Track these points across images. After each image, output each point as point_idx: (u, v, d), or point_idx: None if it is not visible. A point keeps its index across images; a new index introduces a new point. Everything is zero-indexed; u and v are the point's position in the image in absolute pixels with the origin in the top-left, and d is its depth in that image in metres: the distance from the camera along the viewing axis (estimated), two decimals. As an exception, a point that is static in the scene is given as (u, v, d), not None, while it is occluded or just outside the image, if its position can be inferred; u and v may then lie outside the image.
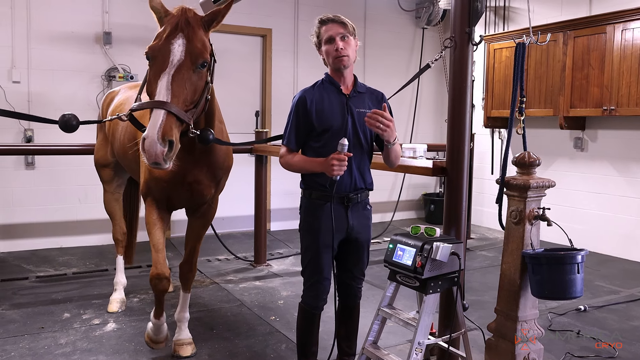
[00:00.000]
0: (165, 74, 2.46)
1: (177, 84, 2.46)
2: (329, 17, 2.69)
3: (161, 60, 2.49)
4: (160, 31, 2.58)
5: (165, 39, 2.52)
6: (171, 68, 2.47)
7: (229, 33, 6.68)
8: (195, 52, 2.53)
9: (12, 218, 5.77)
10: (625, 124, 5.83)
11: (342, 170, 2.52)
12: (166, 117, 2.37)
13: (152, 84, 2.51)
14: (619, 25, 5.44)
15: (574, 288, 2.47)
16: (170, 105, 2.40)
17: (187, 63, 2.50)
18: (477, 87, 7.27)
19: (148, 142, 2.32)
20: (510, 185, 2.67)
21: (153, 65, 2.53)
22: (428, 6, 7.65)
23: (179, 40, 2.52)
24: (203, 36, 2.61)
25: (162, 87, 2.43)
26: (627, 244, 5.86)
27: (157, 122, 2.34)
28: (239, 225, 6.83)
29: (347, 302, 2.92)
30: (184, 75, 2.49)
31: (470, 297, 4.39)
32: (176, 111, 2.41)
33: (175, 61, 2.48)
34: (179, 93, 2.46)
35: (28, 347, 3.40)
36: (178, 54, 2.49)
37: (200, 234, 3.43)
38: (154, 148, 2.31)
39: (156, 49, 2.52)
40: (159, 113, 2.37)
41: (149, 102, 2.46)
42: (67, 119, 2.68)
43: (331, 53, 2.66)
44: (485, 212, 7.39)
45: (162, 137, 2.33)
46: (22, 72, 5.69)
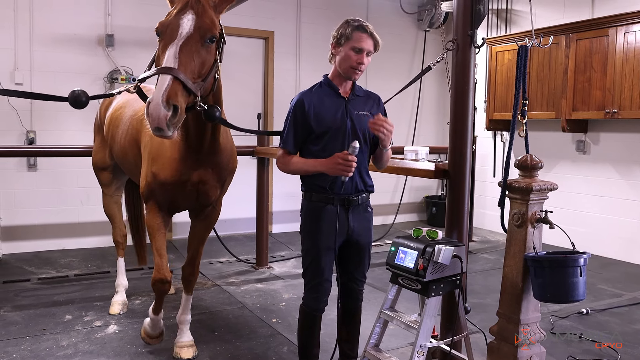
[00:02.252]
0: (174, 45, 2.46)
1: (184, 54, 2.45)
2: (369, 28, 2.63)
3: (170, 33, 2.50)
4: (170, 10, 2.60)
5: (175, 15, 2.54)
6: (179, 39, 2.47)
7: (232, 35, 6.66)
8: (204, 26, 2.53)
9: (14, 220, 5.78)
10: (627, 126, 5.82)
11: (350, 172, 2.52)
12: (172, 82, 2.35)
13: (160, 56, 2.51)
14: (621, 28, 5.44)
15: (576, 291, 2.46)
16: (177, 71, 2.38)
17: (196, 36, 2.51)
18: (480, 90, 7.27)
19: (152, 105, 2.30)
20: (512, 188, 2.66)
21: (162, 39, 2.53)
22: (430, 9, 7.65)
23: (189, 15, 2.53)
24: (213, 15, 2.62)
25: (170, 56, 2.42)
26: (630, 247, 5.84)
27: (162, 86, 2.33)
28: (240, 227, 6.83)
29: (348, 305, 2.91)
30: (192, 47, 2.49)
31: (472, 300, 4.38)
32: (183, 78, 2.40)
33: (184, 34, 2.48)
34: (186, 62, 2.45)
35: (30, 349, 3.40)
36: (187, 27, 2.50)
37: (203, 237, 3.43)
38: (157, 111, 2.29)
39: (165, 23, 2.54)
40: (165, 78, 2.36)
41: (156, 68, 2.44)
42: (77, 95, 2.68)
43: (352, 62, 2.63)
44: (487, 215, 7.38)
45: (166, 101, 2.31)
46: (25, 74, 5.70)
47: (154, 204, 3.13)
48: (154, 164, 3.03)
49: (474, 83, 2.94)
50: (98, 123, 4.18)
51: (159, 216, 3.14)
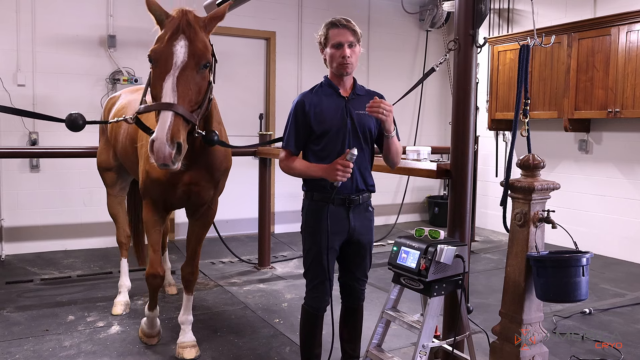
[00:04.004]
0: (170, 75, 2.48)
1: (182, 85, 2.48)
2: (341, 21, 2.66)
3: (164, 62, 2.51)
4: (161, 34, 2.60)
5: (167, 41, 2.54)
6: (175, 70, 2.49)
7: (233, 36, 6.69)
8: (198, 52, 2.56)
9: (17, 221, 5.79)
10: (630, 126, 5.81)
11: (346, 178, 2.54)
12: (174, 118, 2.39)
13: (156, 86, 2.53)
14: (623, 27, 5.43)
15: (579, 291, 2.45)
16: (177, 106, 2.42)
17: (191, 64, 2.53)
18: (481, 90, 7.25)
19: (157, 143, 2.35)
20: (514, 188, 2.66)
21: (156, 67, 2.55)
22: (432, 9, 7.65)
23: (181, 42, 2.54)
24: (204, 37, 2.64)
25: (168, 89, 2.45)
26: (633, 246, 5.83)
27: (165, 124, 2.37)
28: (242, 227, 6.83)
29: (350, 304, 2.92)
30: (188, 76, 2.52)
31: (474, 300, 4.38)
32: (183, 112, 2.44)
33: (179, 63, 2.50)
34: (184, 94, 2.48)
35: (32, 350, 3.41)
36: (181, 56, 2.52)
37: (200, 236, 3.44)
38: (162, 150, 2.34)
39: (159, 51, 2.54)
40: (167, 115, 2.40)
41: (156, 104, 2.48)
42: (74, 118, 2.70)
43: (336, 59, 2.65)
44: (489, 215, 7.37)
45: (170, 139, 2.36)
46: (27, 75, 5.71)
47: (150, 201, 3.20)
48: (147, 162, 3.07)
49: (476, 83, 2.93)
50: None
51: (155, 213, 3.21)
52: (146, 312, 3.49)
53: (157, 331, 3.54)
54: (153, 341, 3.51)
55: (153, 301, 3.43)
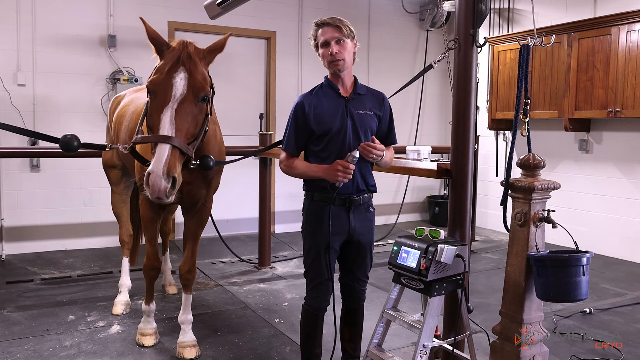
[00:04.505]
0: (169, 107, 2.50)
1: (180, 117, 2.50)
2: (324, 20, 2.70)
3: (163, 93, 2.53)
4: (160, 64, 2.62)
5: (167, 73, 2.56)
6: (174, 102, 2.51)
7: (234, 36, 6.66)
8: (197, 86, 2.58)
9: (17, 220, 5.79)
10: (630, 125, 5.81)
11: (347, 179, 2.55)
12: (171, 151, 2.42)
13: (154, 117, 2.54)
14: (623, 26, 5.43)
15: (579, 290, 2.45)
16: (175, 139, 2.44)
17: (190, 97, 2.55)
18: (482, 89, 7.25)
19: (153, 177, 2.37)
20: (514, 188, 2.66)
21: (155, 98, 2.56)
22: (432, 8, 7.65)
23: (181, 74, 2.57)
24: (204, 70, 2.68)
25: (166, 121, 2.47)
26: (633, 246, 5.83)
27: (162, 158, 2.39)
28: (243, 227, 6.83)
29: (350, 304, 2.92)
30: (186, 109, 2.54)
31: (475, 300, 4.38)
32: (180, 145, 2.46)
33: (178, 95, 2.52)
34: (182, 127, 2.50)
35: (33, 349, 3.41)
36: (180, 88, 2.54)
37: (196, 234, 3.46)
38: (158, 184, 2.36)
39: (158, 82, 2.56)
40: (164, 148, 2.41)
41: (154, 136, 2.49)
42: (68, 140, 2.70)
43: (326, 57, 2.67)
44: (490, 215, 7.37)
45: (167, 173, 2.38)
46: (28, 75, 5.71)
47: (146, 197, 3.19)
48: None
49: (476, 82, 2.93)
50: (108, 122, 4.25)
51: (151, 209, 3.27)
52: (143, 307, 3.54)
53: (154, 330, 3.55)
54: (148, 340, 3.49)
55: (150, 293, 3.50)
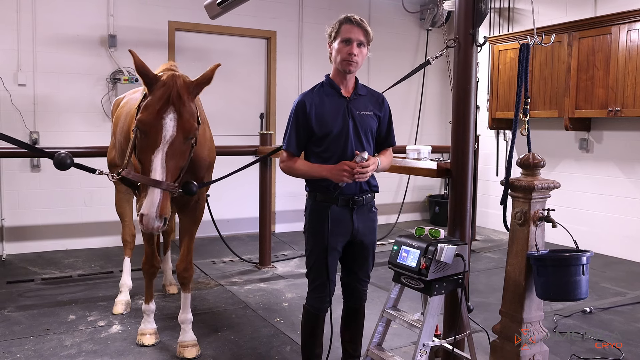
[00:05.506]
0: (160, 150, 2.59)
1: (170, 159, 2.61)
2: (356, 19, 2.66)
3: (154, 135, 2.60)
4: (149, 101, 2.66)
5: (157, 113, 2.61)
6: (164, 144, 2.60)
7: (234, 35, 6.70)
8: (187, 127, 2.66)
9: (18, 220, 5.79)
10: (631, 125, 5.81)
11: (351, 180, 2.55)
12: (163, 195, 2.55)
13: (145, 157, 2.63)
14: (624, 26, 5.42)
15: (579, 290, 2.45)
16: (166, 184, 2.56)
17: (179, 137, 2.64)
18: (482, 89, 7.25)
19: (146, 219, 2.53)
20: (514, 187, 2.66)
21: (145, 137, 2.63)
22: (432, 8, 7.65)
23: (171, 115, 2.63)
24: (192, 107, 2.72)
25: (158, 165, 2.57)
26: (633, 245, 5.83)
27: (154, 202, 2.53)
28: (243, 227, 6.83)
29: (352, 305, 2.92)
30: (176, 149, 2.63)
31: (475, 299, 4.38)
32: (169, 187, 2.58)
33: (168, 137, 2.60)
34: (172, 167, 2.61)
35: (33, 349, 3.41)
36: (170, 130, 2.61)
37: (192, 231, 3.48)
38: (152, 224, 2.53)
39: (148, 123, 2.61)
40: (156, 192, 2.54)
41: (145, 178, 2.59)
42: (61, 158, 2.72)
43: (343, 54, 2.64)
44: (490, 214, 7.37)
45: (159, 216, 2.53)
46: (28, 75, 5.72)
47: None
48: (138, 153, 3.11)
49: (476, 82, 2.93)
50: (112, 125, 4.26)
51: None
52: (143, 307, 3.57)
53: (154, 329, 3.55)
54: (149, 340, 3.50)
55: (149, 293, 3.54)
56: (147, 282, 3.54)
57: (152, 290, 3.58)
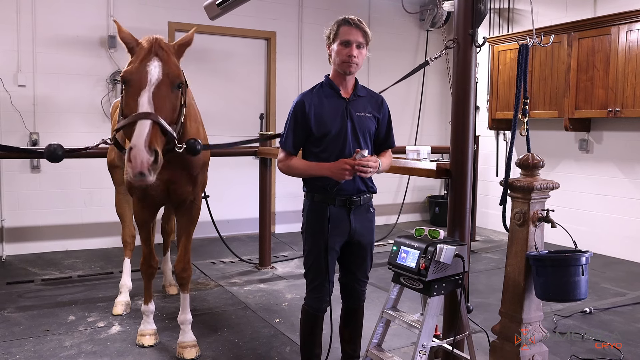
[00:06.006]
0: (146, 91, 2.51)
1: (158, 99, 2.52)
2: (354, 20, 2.66)
3: (138, 81, 2.55)
4: (132, 58, 2.65)
5: (140, 62, 2.59)
6: (150, 86, 2.54)
7: (234, 36, 6.70)
8: (172, 72, 2.63)
9: (18, 221, 5.80)
10: (630, 125, 5.80)
11: (351, 176, 2.55)
12: (152, 127, 2.41)
13: (130, 103, 2.54)
14: (623, 26, 5.42)
15: (578, 290, 2.46)
16: (155, 115, 2.45)
17: (166, 81, 2.59)
18: (482, 89, 7.26)
19: (135, 150, 2.32)
20: (514, 187, 2.66)
21: (130, 87, 2.57)
22: (432, 8, 7.65)
23: (155, 62, 2.61)
24: (176, 61, 2.72)
25: (144, 101, 2.48)
26: (633, 246, 5.82)
27: (143, 132, 2.37)
28: (243, 227, 6.83)
29: (350, 305, 2.92)
30: (163, 92, 2.56)
31: (475, 300, 4.38)
32: (160, 120, 2.45)
33: (154, 80, 2.55)
34: (161, 107, 2.52)
35: (33, 350, 3.41)
36: (156, 74, 2.57)
37: (188, 231, 3.47)
38: (140, 156, 2.31)
39: (133, 71, 2.58)
40: (145, 123, 2.40)
41: (133, 115, 2.46)
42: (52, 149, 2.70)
43: (342, 56, 2.64)
44: (490, 214, 7.37)
45: (149, 146, 2.35)
46: (28, 76, 5.72)
47: (137, 198, 3.29)
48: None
49: (475, 82, 2.93)
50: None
51: (143, 210, 3.32)
52: (142, 308, 3.57)
53: (153, 330, 3.56)
54: (148, 341, 3.50)
55: (148, 293, 3.54)
56: (145, 283, 3.55)
57: (151, 291, 3.58)
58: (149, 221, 3.40)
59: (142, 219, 3.36)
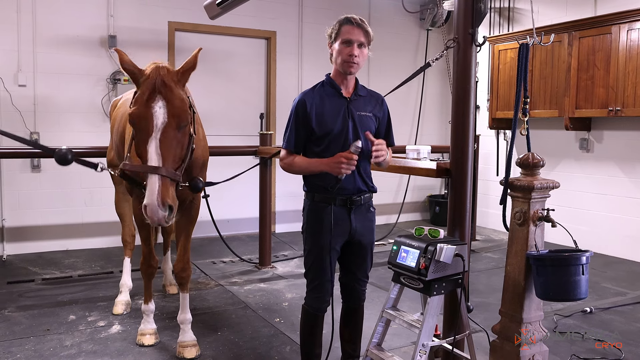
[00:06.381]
0: (153, 138, 2.57)
1: (165, 146, 2.58)
2: (356, 20, 2.65)
3: (145, 125, 2.59)
4: (138, 95, 2.67)
5: (145, 103, 2.61)
6: (157, 132, 2.58)
7: (234, 36, 6.70)
8: (177, 112, 2.64)
9: (18, 221, 5.80)
10: (631, 124, 5.80)
11: (350, 170, 2.54)
12: (161, 182, 2.51)
13: (140, 148, 2.63)
14: (624, 25, 5.42)
15: (578, 290, 2.45)
16: (162, 169, 2.53)
17: (172, 124, 2.62)
18: (482, 89, 7.25)
19: (150, 209, 2.50)
20: (514, 187, 2.66)
21: (139, 130, 2.63)
22: (432, 8, 7.64)
23: (159, 103, 2.62)
24: (181, 93, 2.71)
25: (152, 152, 2.56)
26: (634, 245, 5.82)
27: (154, 189, 2.50)
28: (243, 227, 6.83)
29: (351, 305, 2.92)
30: (170, 137, 2.61)
31: (475, 299, 4.38)
32: (168, 174, 2.55)
33: (160, 124, 2.59)
34: (168, 155, 2.59)
35: (34, 349, 3.42)
36: (161, 117, 2.60)
37: (188, 231, 3.48)
38: (156, 214, 2.50)
39: (138, 114, 2.62)
40: (154, 179, 2.51)
41: (142, 166, 2.59)
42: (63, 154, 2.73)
43: (343, 55, 2.64)
44: (490, 214, 7.37)
45: (162, 203, 2.50)
46: (28, 75, 5.72)
47: (136, 199, 3.29)
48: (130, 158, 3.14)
49: (476, 82, 2.93)
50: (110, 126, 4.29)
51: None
52: (142, 307, 3.58)
53: (153, 329, 3.56)
54: (148, 340, 3.50)
55: (148, 293, 3.55)
56: (145, 283, 3.55)
57: (151, 291, 3.58)
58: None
59: (141, 219, 3.34)
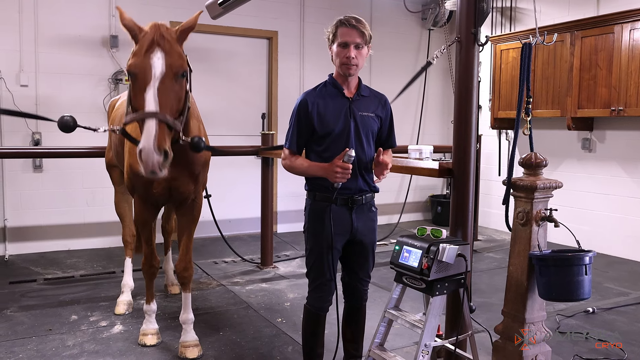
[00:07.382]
0: (151, 86, 2.56)
1: (163, 94, 2.57)
2: (350, 21, 2.64)
3: (143, 74, 2.59)
4: (136, 48, 2.68)
5: (144, 54, 2.62)
6: (155, 81, 2.58)
7: (235, 35, 6.70)
8: (175, 63, 2.65)
9: (20, 221, 5.80)
10: (633, 124, 5.79)
11: (345, 179, 2.55)
12: (159, 126, 2.48)
13: (138, 98, 2.61)
14: (627, 25, 5.41)
15: (581, 290, 2.45)
16: (160, 114, 2.50)
17: (169, 74, 2.62)
18: (485, 88, 7.24)
19: (145, 152, 2.43)
20: (516, 186, 2.65)
21: (136, 80, 2.63)
22: (434, 7, 7.63)
23: (158, 54, 2.63)
24: (178, 48, 2.73)
25: (150, 99, 2.53)
26: (636, 245, 5.81)
27: (151, 132, 2.45)
28: (245, 227, 6.83)
29: (353, 304, 2.91)
30: (167, 86, 2.60)
31: (477, 299, 4.37)
32: (167, 119, 2.52)
33: (158, 74, 2.59)
34: (166, 103, 2.57)
35: (36, 349, 3.42)
36: (159, 67, 2.60)
37: (190, 231, 3.48)
38: (151, 158, 2.42)
39: (137, 64, 2.62)
40: (152, 123, 2.47)
41: (140, 112, 2.55)
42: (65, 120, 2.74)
43: (341, 58, 2.64)
44: (492, 214, 7.36)
45: (158, 147, 2.44)
46: (30, 75, 5.72)
47: (138, 198, 3.30)
48: (130, 156, 3.16)
49: (478, 81, 2.93)
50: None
51: (144, 210, 3.32)
52: (144, 307, 3.58)
53: (155, 329, 3.56)
54: (150, 340, 3.51)
55: (150, 293, 3.56)
56: (147, 283, 3.56)
57: (152, 291, 3.59)
58: (151, 221, 3.41)
59: (143, 219, 3.37)
